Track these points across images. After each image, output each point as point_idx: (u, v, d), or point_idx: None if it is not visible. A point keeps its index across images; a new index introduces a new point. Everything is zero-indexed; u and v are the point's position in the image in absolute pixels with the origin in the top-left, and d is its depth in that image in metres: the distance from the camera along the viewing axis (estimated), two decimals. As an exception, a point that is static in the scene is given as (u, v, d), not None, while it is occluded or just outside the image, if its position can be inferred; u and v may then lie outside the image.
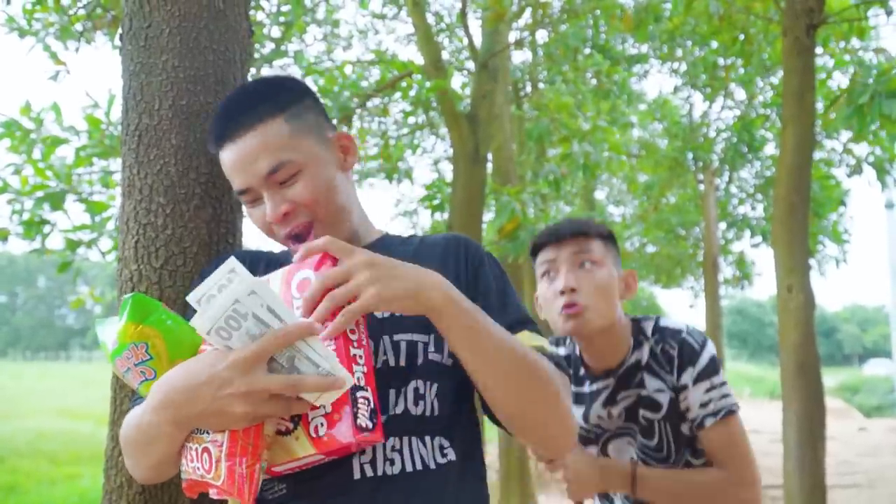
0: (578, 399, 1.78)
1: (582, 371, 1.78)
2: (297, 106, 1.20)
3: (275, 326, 0.91)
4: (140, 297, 1.00)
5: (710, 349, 1.70)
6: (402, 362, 1.13)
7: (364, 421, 0.96)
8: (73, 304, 5.63)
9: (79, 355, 70.23)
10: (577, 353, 1.79)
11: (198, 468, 0.98)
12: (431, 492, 1.09)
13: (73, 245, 5.08)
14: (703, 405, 1.66)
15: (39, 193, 4.92)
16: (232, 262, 0.90)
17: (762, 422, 17.09)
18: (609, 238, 1.75)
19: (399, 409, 1.11)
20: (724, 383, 1.69)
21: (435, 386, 1.14)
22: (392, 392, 1.11)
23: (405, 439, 1.10)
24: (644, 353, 1.70)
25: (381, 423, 1.01)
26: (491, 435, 9.60)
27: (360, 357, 1.00)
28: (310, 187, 1.18)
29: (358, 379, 0.97)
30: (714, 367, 1.68)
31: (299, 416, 0.98)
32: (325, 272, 0.97)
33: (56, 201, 4.97)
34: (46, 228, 5.06)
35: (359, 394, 0.96)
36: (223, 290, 0.89)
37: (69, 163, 5.05)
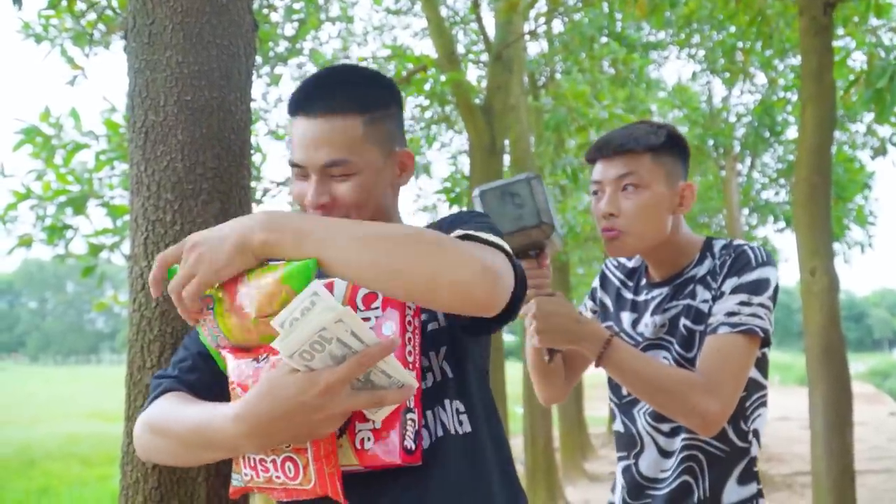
0: (634, 307, 1.75)
1: (643, 280, 1.76)
2: (380, 112, 1.21)
3: (356, 347, 0.92)
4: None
5: (769, 272, 1.58)
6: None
7: (409, 443, 1.01)
8: (95, 306, 5.70)
9: (108, 358, 71.22)
10: (642, 261, 1.77)
11: (277, 476, 1.03)
12: (458, 458, 1.13)
13: (95, 249, 5.14)
14: (729, 314, 1.56)
15: (61, 198, 4.98)
16: (315, 285, 0.89)
17: (791, 408, 16.91)
18: (663, 148, 1.65)
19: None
20: (763, 306, 1.55)
21: (443, 350, 1.17)
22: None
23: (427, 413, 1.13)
24: (704, 268, 1.64)
25: (422, 447, 1.05)
26: (515, 428, 9.58)
27: (411, 353, 1.04)
28: (356, 192, 1.19)
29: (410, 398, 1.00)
30: (762, 286, 1.56)
31: (346, 424, 1.01)
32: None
33: (78, 206, 5.03)
34: (69, 233, 5.13)
35: (408, 415, 1.01)
36: (307, 313, 0.88)
37: (90, 167, 5.12)
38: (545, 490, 7.63)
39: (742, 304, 1.55)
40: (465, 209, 1.28)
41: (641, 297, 1.74)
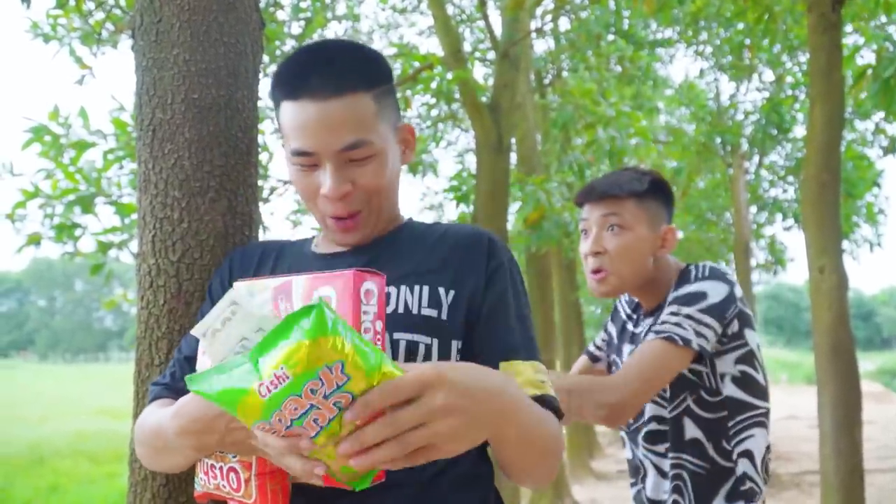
0: (633, 339, 1.83)
1: (641, 312, 1.84)
2: (384, 86, 1.14)
3: None
4: (325, 304, 0.78)
5: (707, 285, 1.62)
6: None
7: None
8: (105, 304, 5.73)
9: (117, 356, 71.51)
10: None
11: (223, 485, 0.98)
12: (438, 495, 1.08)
13: (104, 247, 5.16)
14: (661, 323, 1.62)
15: (70, 197, 5.00)
16: (233, 293, 0.86)
17: (800, 407, 16.86)
18: (647, 194, 1.73)
19: None
20: (691, 317, 1.59)
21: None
22: None
23: None
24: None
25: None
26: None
27: None
28: (378, 174, 1.12)
29: None
30: (694, 299, 1.60)
31: None
32: (396, 419, 0.81)
33: (86, 204, 5.05)
34: (78, 232, 5.15)
35: None
36: (227, 323, 0.86)
37: (98, 166, 5.13)
38: (552, 488, 7.63)
39: (672, 314, 1.62)
40: (507, 258, 1.18)
41: (638, 329, 1.83)
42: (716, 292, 1.62)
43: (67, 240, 5.08)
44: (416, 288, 1.12)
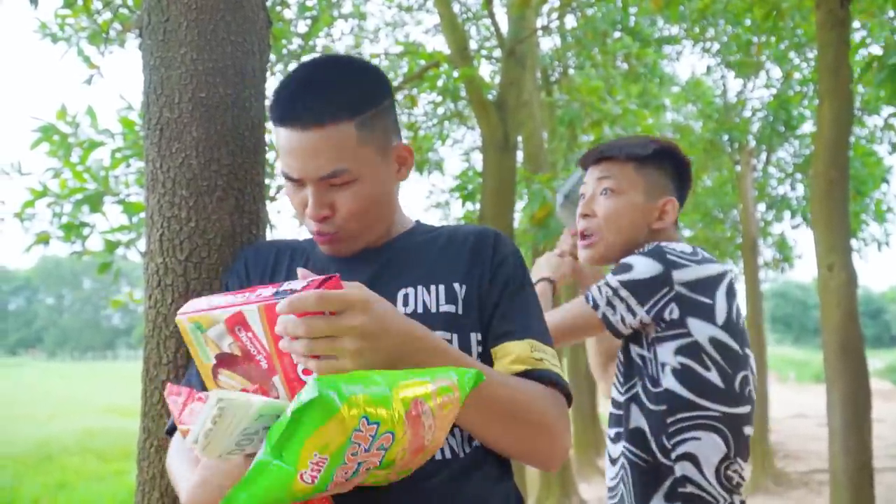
0: None
1: None
2: (372, 110, 1.16)
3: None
4: (321, 385, 0.80)
5: (637, 260, 1.58)
6: None
7: None
8: (112, 303, 5.74)
9: (125, 354, 71.78)
10: None
11: None
12: (461, 479, 1.09)
13: (111, 246, 5.17)
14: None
15: (78, 196, 5.01)
16: (217, 392, 0.84)
17: (808, 406, 16.81)
18: (649, 161, 1.67)
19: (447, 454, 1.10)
20: (608, 285, 1.58)
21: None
22: None
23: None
24: None
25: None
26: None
27: None
28: (357, 199, 1.16)
29: None
30: (620, 269, 1.59)
31: None
32: (311, 323, 0.89)
33: (94, 203, 5.06)
34: (86, 230, 5.16)
35: None
36: (219, 420, 0.83)
37: (106, 165, 5.14)
38: (559, 487, 7.62)
39: (603, 280, 1.62)
40: (512, 252, 1.23)
41: None
42: (643, 269, 1.56)
43: (76, 239, 5.09)
44: (433, 287, 1.16)
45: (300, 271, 1.01)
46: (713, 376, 1.54)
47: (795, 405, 17.85)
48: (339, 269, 1.15)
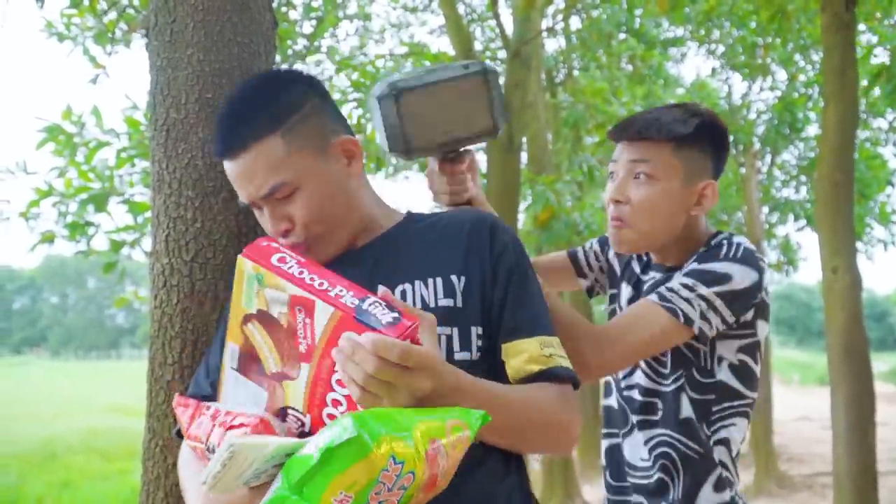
0: (637, 284, 1.66)
1: (655, 259, 1.65)
2: (296, 115, 1.17)
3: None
4: (355, 421, 0.82)
5: (734, 268, 1.44)
6: None
7: None
8: (116, 302, 5.76)
9: (129, 353, 71.87)
10: None
11: None
12: (465, 475, 1.07)
13: (116, 246, 5.18)
14: (668, 289, 1.46)
15: (83, 196, 5.03)
16: (227, 441, 0.85)
17: (812, 408, 16.76)
18: (689, 140, 1.50)
19: None
20: (704, 298, 1.43)
21: None
22: None
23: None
24: (694, 256, 1.55)
25: None
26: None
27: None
28: (307, 205, 1.16)
29: None
30: (715, 280, 1.44)
31: None
32: (384, 368, 0.91)
33: (99, 203, 5.07)
34: (91, 230, 5.18)
35: None
36: (230, 461, 0.85)
37: (111, 164, 5.16)
38: (562, 489, 7.62)
39: (684, 286, 1.45)
40: (511, 240, 1.22)
41: (645, 276, 1.67)
42: (742, 279, 1.45)
43: (81, 238, 5.11)
44: (430, 281, 1.15)
45: (381, 290, 1.00)
46: (757, 369, 1.55)
47: (799, 408, 17.80)
48: (336, 269, 1.14)
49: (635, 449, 1.60)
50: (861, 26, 6.43)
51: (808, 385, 28.37)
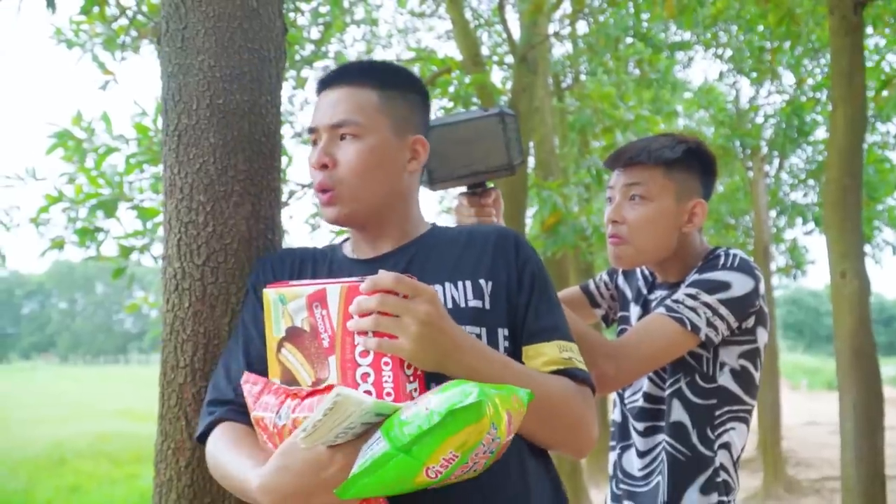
0: (644, 304, 1.77)
1: (657, 279, 1.77)
2: (397, 91, 1.28)
3: (376, 421, 0.95)
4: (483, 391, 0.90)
5: (733, 276, 1.56)
6: None
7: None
8: (127, 308, 5.78)
9: (137, 358, 72.12)
10: None
11: None
12: (499, 477, 1.12)
13: (126, 251, 5.21)
14: (674, 301, 1.56)
15: (93, 201, 5.05)
16: (334, 390, 0.90)
17: (820, 413, 16.68)
18: (678, 164, 1.64)
19: None
20: (708, 305, 1.53)
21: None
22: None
23: None
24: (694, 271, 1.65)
25: None
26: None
27: (416, 391, 1.05)
28: (356, 155, 1.23)
29: None
30: (717, 287, 1.55)
31: None
32: (385, 298, 1.02)
33: (109, 208, 5.10)
34: (100, 236, 5.20)
35: None
36: (330, 413, 0.90)
37: (120, 170, 5.19)
38: (570, 492, 7.59)
39: (688, 296, 1.56)
40: (532, 253, 1.29)
41: (652, 295, 1.76)
42: (740, 286, 1.56)
43: (90, 243, 5.13)
44: (460, 283, 1.22)
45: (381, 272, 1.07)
46: (757, 376, 1.64)
47: (807, 412, 17.72)
48: (365, 270, 1.20)
49: (631, 459, 1.71)
50: (869, 30, 6.42)
51: (816, 390, 28.24)
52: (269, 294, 1.12)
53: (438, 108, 8.15)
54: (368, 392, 1.03)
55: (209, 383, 1.32)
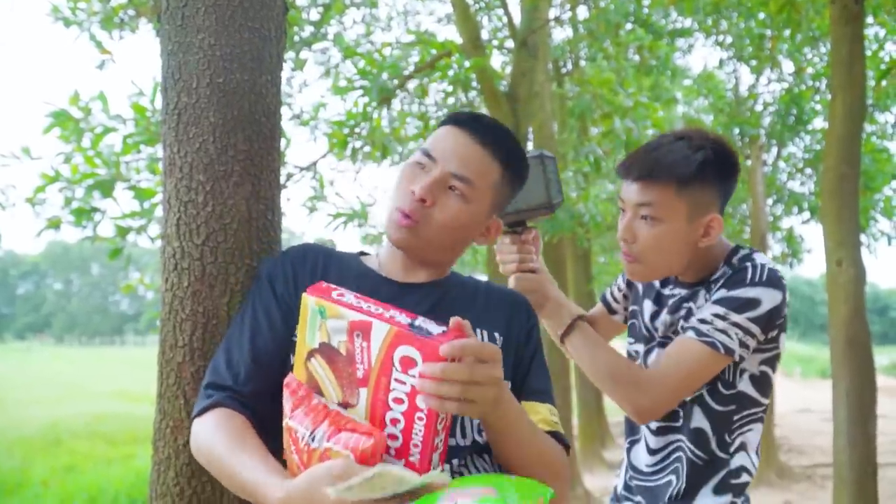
0: (658, 299, 1.74)
1: (674, 276, 1.73)
2: (509, 175, 1.34)
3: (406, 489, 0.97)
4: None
5: (762, 292, 1.52)
6: None
7: None
8: (123, 288, 5.78)
9: (133, 340, 72.15)
10: None
11: None
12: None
13: (122, 232, 5.19)
14: (701, 321, 1.54)
15: (89, 181, 5.03)
16: (378, 467, 0.94)
17: (813, 400, 16.79)
18: (693, 179, 1.54)
19: (467, 441, 1.25)
20: (738, 326, 1.51)
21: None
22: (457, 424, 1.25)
23: (468, 457, 1.25)
24: (717, 275, 1.63)
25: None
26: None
27: (441, 442, 1.07)
28: (458, 209, 1.28)
29: (434, 466, 1.07)
30: (746, 306, 1.51)
31: None
32: (474, 369, 1.01)
33: (105, 189, 5.08)
34: (97, 216, 5.18)
35: None
36: (369, 482, 0.93)
37: (117, 150, 5.16)
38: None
39: (717, 316, 1.53)
40: (536, 318, 1.44)
41: (666, 292, 1.74)
42: (770, 301, 1.53)
43: (87, 224, 5.12)
44: (478, 331, 1.32)
45: (454, 320, 1.07)
46: (773, 377, 1.65)
47: (800, 400, 17.83)
48: (396, 292, 1.28)
49: (638, 454, 1.73)
50: (869, 19, 6.40)
51: (809, 378, 28.40)
52: (309, 302, 1.11)
53: (438, 91, 8.12)
54: (394, 436, 1.05)
55: (209, 364, 1.32)
